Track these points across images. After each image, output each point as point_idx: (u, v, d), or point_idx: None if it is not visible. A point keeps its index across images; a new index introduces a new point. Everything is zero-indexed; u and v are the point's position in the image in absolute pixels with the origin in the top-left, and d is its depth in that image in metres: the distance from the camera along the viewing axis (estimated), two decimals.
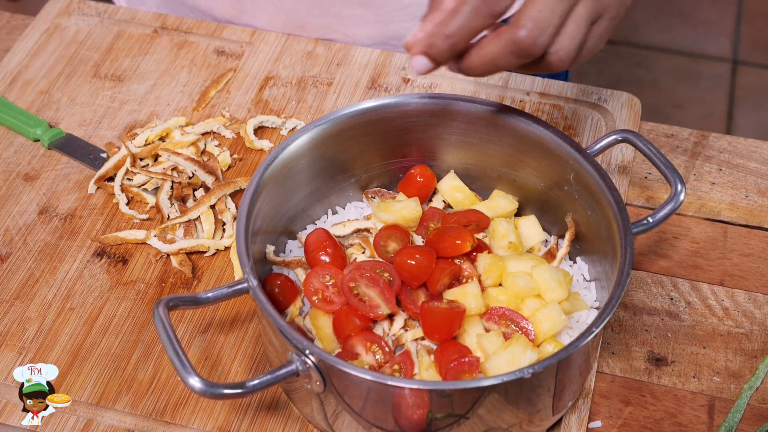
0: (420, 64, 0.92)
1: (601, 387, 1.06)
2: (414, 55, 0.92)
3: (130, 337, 1.08)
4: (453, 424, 0.91)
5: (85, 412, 1.02)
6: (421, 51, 0.91)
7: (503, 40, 0.90)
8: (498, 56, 0.90)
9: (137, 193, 1.20)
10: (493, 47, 0.90)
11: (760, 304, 1.12)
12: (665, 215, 1.01)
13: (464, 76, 0.94)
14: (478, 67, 0.92)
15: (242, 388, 0.87)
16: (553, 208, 1.09)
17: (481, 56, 0.91)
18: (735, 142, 1.28)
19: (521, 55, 0.90)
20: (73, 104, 1.31)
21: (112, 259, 1.15)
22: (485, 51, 0.91)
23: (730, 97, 3.01)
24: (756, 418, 1.03)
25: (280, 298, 1.02)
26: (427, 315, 0.97)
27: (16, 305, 1.11)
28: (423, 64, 0.92)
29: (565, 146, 1.03)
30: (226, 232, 1.17)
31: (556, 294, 0.99)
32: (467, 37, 0.90)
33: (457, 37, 0.90)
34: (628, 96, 1.30)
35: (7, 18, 1.44)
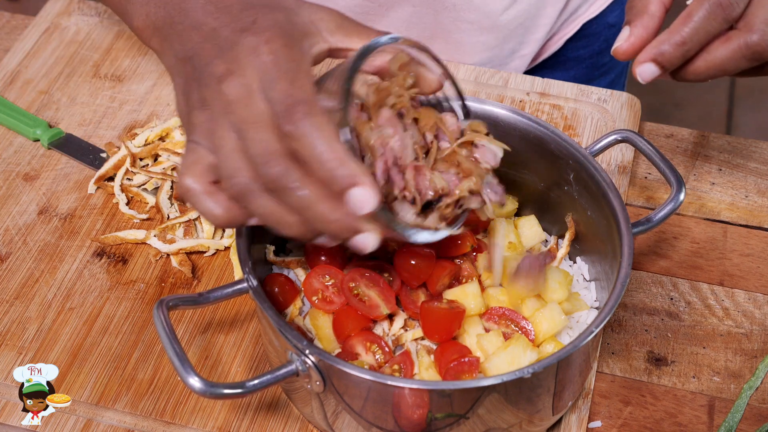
0: (649, 71, 0.91)
1: (601, 387, 1.06)
2: (642, 62, 0.91)
3: (130, 337, 1.08)
4: (453, 424, 0.91)
5: (85, 412, 1.02)
6: (650, 58, 0.91)
7: (734, 45, 0.89)
8: (727, 61, 0.90)
9: (137, 193, 1.20)
10: (723, 52, 0.90)
11: (760, 304, 1.12)
12: (665, 215, 1.01)
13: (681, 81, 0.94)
14: (704, 72, 0.92)
15: (242, 388, 0.87)
16: (553, 208, 1.09)
17: (709, 61, 0.91)
18: (735, 142, 1.28)
19: (754, 59, 0.89)
20: (73, 104, 1.31)
21: (112, 259, 1.15)
22: (713, 56, 0.90)
23: (730, 97, 3.01)
24: (756, 418, 1.03)
25: (280, 298, 1.02)
26: (426, 315, 0.97)
27: (16, 305, 1.11)
28: (652, 72, 0.92)
29: (565, 146, 1.03)
30: (226, 232, 1.17)
31: (557, 294, 0.99)
32: (700, 44, 0.90)
33: (691, 44, 0.89)
34: (628, 96, 1.30)
35: (7, 18, 1.44)
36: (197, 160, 0.84)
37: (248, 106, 0.81)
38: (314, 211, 0.80)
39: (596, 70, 1.49)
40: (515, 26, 1.35)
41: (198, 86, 0.84)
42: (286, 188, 0.80)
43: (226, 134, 0.82)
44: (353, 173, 0.79)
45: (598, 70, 1.49)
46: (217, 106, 0.82)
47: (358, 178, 0.79)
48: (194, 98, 0.85)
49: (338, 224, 0.81)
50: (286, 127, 0.79)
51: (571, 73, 1.48)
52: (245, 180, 0.81)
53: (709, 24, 0.89)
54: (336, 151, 0.79)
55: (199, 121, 0.84)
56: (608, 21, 1.45)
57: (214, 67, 0.83)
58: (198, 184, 0.83)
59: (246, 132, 0.81)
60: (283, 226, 0.83)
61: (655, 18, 0.92)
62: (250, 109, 0.81)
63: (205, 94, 0.83)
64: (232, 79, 0.82)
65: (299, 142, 0.79)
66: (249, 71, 0.82)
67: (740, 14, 0.89)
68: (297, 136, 0.79)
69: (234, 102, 0.81)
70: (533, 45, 1.39)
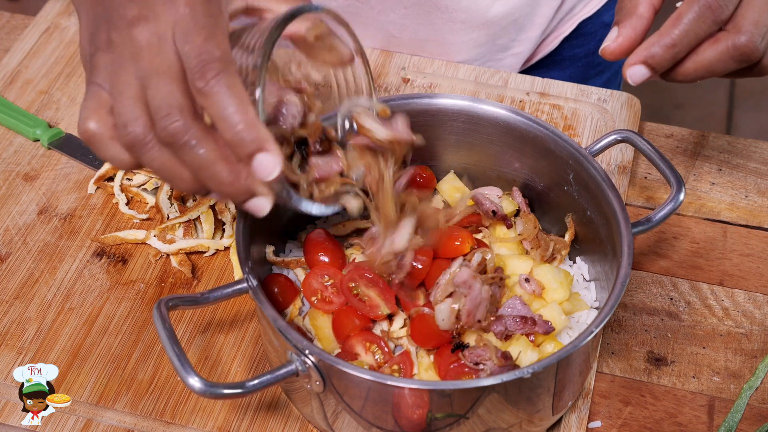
0: (639, 73, 0.92)
1: (600, 387, 1.06)
2: (632, 65, 0.91)
3: (129, 337, 1.08)
4: (453, 424, 0.90)
5: (84, 412, 1.02)
6: (640, 60, 0.91)
7: (722, 46, 0.89)
8: (716, 62, 0.90)
9: (137, 193, 1.20)
10: (712, 53, 0.90)
11: (759, 304, 1.12)
12: (665, 215, 1.01)
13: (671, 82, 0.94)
14: (692, 73, 0.92)
15: (242, 388, 0.87)
16: (553, 208, 1.09)
17: (697, 63, 0.91)
18: (735, 142, 1.28)
19: (741, 60, 0.90)
20: (73, 104, 1.31)
21: (112, 259, 1.15)
22: (702, 57, 0.91)
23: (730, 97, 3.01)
24: (756, 418, 1.03)
25: (279, 298, 1.02)
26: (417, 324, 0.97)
27: (16, 305, 1.11)
28: (642, 74, 0.92)
29: (565, 146, 1.03)
30: (226, 232, 1.17)
31: (557, 294, 0.99)
32: (690, 46, 0.90)
33: (681, 46, 0.90)
34: (628, 96, 1.30)
35: (7, 18, 1.44)
36: (100, 104, 0.82)
37: (157, 54, 0.79)
38: (210, 171, 0.80)
39: (592, 69, 1.49)
40: (506, 23, 1.35)
41: (106, 27, 0.82)
42: (184, 144, 0.79)
43: (129, 80, 0.80)
44: (262, 138, 0.79)
45: (593, 69, 1.49)
46: (124, 50, 0.80)
47: (266, 144, 0.79)
48: (100, 39, 0.82)
49: (233, 187, 0.81)
50: (198, 83, 0.78)
51: (567, 72, 1.48)
52: (140, 130, 0.80)
53: (699, 26, 0.89)
54: (247, 114, 0.78)
55: (103, 62, 0.82)
56: (604, 20, 1.45)
57: (127, 10, 0.81)
58: (103, 128, 0.82)
59: (150, 81, 0.79)
60: (175, 181, 0.82)
61: (643, 19, 0.93)
62: (158, 59, 0.79)
63: (113, 36, 0.81)
64: (144, 25, 0.80)
65: (209, 99, 0.78)
66: (163, 20, 0.80)
67: (729, 16, 0.89)
68: (208, 93, 0.78)
69: (143, 48, 0.80)
70: (527, 44, 1.39)
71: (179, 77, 0.79)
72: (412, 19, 1.33)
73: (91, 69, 0.83)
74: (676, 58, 0.91)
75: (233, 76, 0.79)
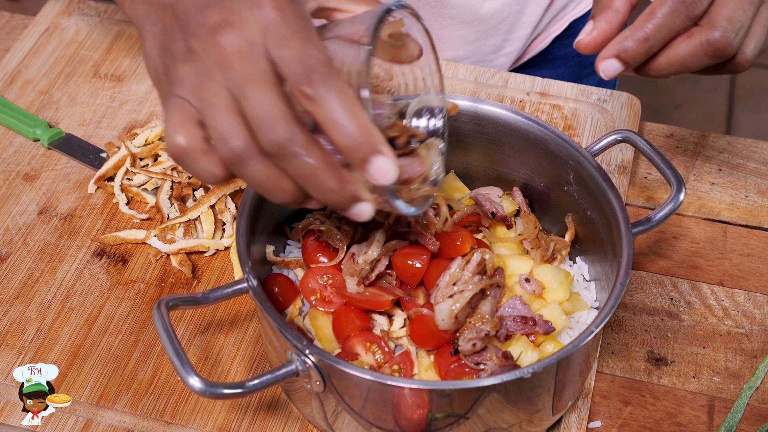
0: (612, 68, 0.91)
1: (600, 387, 1.06)
2: (605, 58, 0.91)
3: (129, 337, 1.08)
4: (453, 424, 0.90)
5: (84, 411, 1.02)
6: (613, 54, 0.90)
7: (696, 41, 0.89)
8: (689, 57, 0.90)
9: (137, 193, 1.20)
10: (685, 48, 0.90)
11: (759, 304, 1.12)
12: (665, 215, 1.01)
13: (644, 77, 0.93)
14: (666, 68, 0.91)
15: (242, 388, 0.87)
16: (553, 208, 1.09)
17: (671, 57, 0.91)
18: (735, 142, 1.28)
19: (715, 56, 0.89)
20: (73, 104, 1.31)
21: (112, 259, 1.15)
22: (675, 52, 0.90)
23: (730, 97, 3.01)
24: (756, 418, 1.03)
25: (279, 298, 1.02)
26: (416, 324, 0.97)
27: (16, 305, 1.11)
28: (615, 68, 0.91)
29: (565, 146, 1.03)
30: (226, 232, 1.17)
31: (558, 294, 0.99)
32: (663, 40, 0.90)
33: (654, 41, 0.89)
34: (628, 96, 1.30)
35: (7, 18, 1.44)
36: (187, 118, 0.76)
37: (250, 62, 0.75)
38: (317, 179, 0.77)
39: (584, 68, 1.49)
40: (497, 21, 1.35)
41: (183, 36, 0.77)
42: (291, 154, 0.75)
43: (219, 90, 0.75)
44: (377, 141, 0.76)
45: (586, 69, 1.49)
46: (209, 59, 0.76)
47: (382, 147, 0.76)
48: (177, 49, 0.77)
49: (340, 194, 0.78)
50: (305, 89, 0.74)
51: (558, 71, 1.48)
52: (241, 143, 0.76)
53: (672, 21, 0.89)
54: (360, 118, 0.75)
55: (185, 74, 0.77)
56: None
57: (207, 17, 0.76)
58: (194, 143, 0.76)
59: (246, 90, 0.75)
60: (277, 193, 0.79)
61: (619, 13, 0.92)
62: (252, 66, 0.75)
63: (194, 45, 0.77)
64: (231, 32, 0.75)
65: (318, 105, 0.75)
66: (251, 25, 0.75)
67: (703, 11, 0.89)
68: (317, 98, 0.74)
69: (231, 56, 0.75)
70: (518, 43, 1.39)
71: (276, 84, 0.75)
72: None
73: (170, 82, 0.78)
74: (650, 53, 0.91)
75: (340, 81, 0.75)
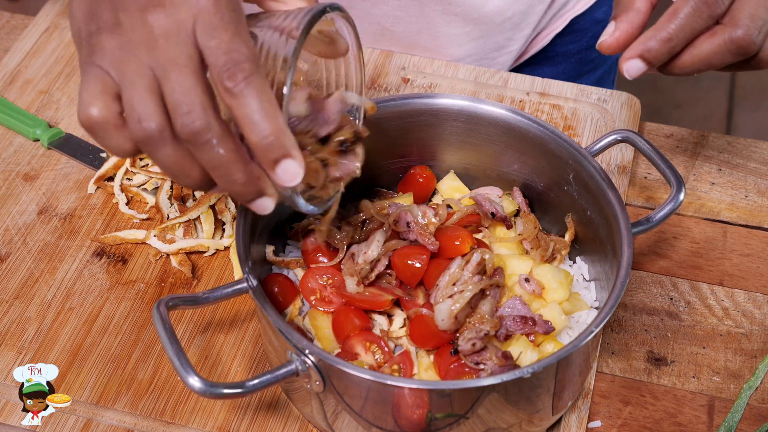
0: (636, 67, 0.92)
1: (600, 387, 1.06)
2: (628, 59, 0.92)
3: (129, 337, 1.08)
4: (453, 424, 0.90)
5: (84, 411, 1.02)
6: (636, 54, 0.91)
7: (719, 39, 0.90)
8: (713, 55, 0.91)
9: (137, 193, 1.20)
10: (708, 46, 0.91)
11: (759, 304, 1.12)
12: (665, 215, 1.01)
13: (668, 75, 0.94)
14: (689, 66, 0.92)
15: (242, 388, 0.87)
16: (553, 208, 1.09)
17: (694, 56, 0.92)
18: (734, 142, 1.28)
19: (738, 53, 0.90)
20: (73, 104, 1.31)
21: (112, 258, 1.15)
22: (699, 51, 0.91)
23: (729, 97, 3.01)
24: (756, 417, 1.03)
25: (279, 298, 1.02)
26: (416, 324, 0.97)
27: (16, 305, 1.11)
28: (638, 68, 0.92)
29: (565, 146, 1.03)
30: (226, 232, 1.17)
31: (558, 294, 0.99)
32: (686, 40, 0.91)
33: (677, 40, 0.90)
34: (628, 96, 1.30)
35: (7, 18, 1.44)
36: (104, 89, 0.76)
37: (176, 45, 0.75)
38: (225, 170, 0.78)
39: (585, 65, 1.49)
40: (502, 20, 1.35)
41: (111, 6, 0.77)
42: (204, 143, 0.76)
43: (142, 69, 0.75)
44: (288, 145, 0.78)
45: (586, 66, 1.50)
46: (136, 35, 0.75)
47: (292, 151, 0.78)
48: (105, 18, 0.77)
49: (245, 187, 0.79)
50: (227, 83, 0.75)
51: (559, 69, 1.48)
52: (155, 125, 0.76)
53: (695, 20, 0.90)
54: (276, 120, 0.77)
55: (109, 45, 0.76)
56: (596, 17, 1.45)
57: None
58: (108, 115, 0.76)
59: (168, 73, 0.75)
60: (182, 177, 0.80)
61: (640, 14, 0.93)
62: (177, 50, 0.75)
63: (122, 18, 0.76)
64: (161, 12, 0.75)
65: (238, 101, 0.76)
66: (183, 8, 0.75)
67: (725, 10, 0.90)
68: (238, 94, 0.75)
69: (159, 36, 0.75)
70: (521, 41, 1.40)
71: (199, 71, 0.76)
72: (405, 11, 1.33)
73: (91, 49, 0.78)
74: (673, 52, 0.91)
75: (263, 79, 0.77)
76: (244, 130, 0.77)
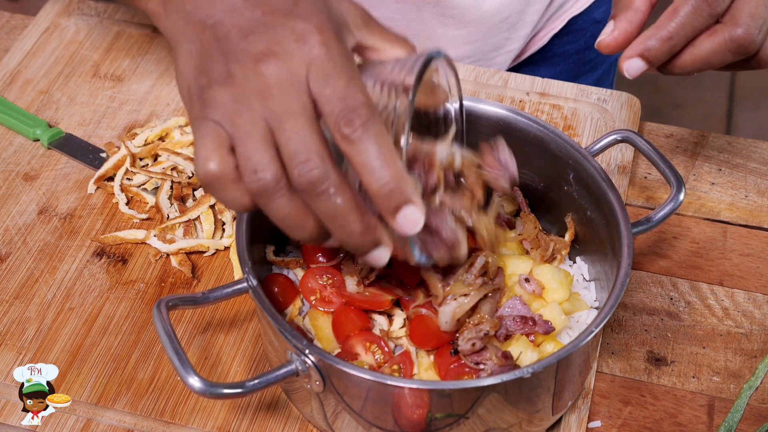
0: (636, 66, 0.92)
1: (600, 387, 1.06)
2: (629, 58, 0.92)
3: (129, 337, 1.08)
4: (453, 424, 0.90)
5: (84, 411, 1.02)
6: (637, 53, 0.91)
7: (719, 38, 0.90)
8: (713, 55, 0.91)
9: (137, 193, 1.20)
10: (708, 45, 0.91)
11: (759, 304, 1.12)
12: (665, 215, 1.01)
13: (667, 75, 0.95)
14: (689, 66, 0.92)
15: (242, 388, 0.87)
16: (553, 208, 1.09)
17: (694, 55, 0.92)
18: (734, 142, 1.28)
19: (738, 52, 0.90)
20: (73, 104, 1.31)
21: (112, 258, 1.15)
22: (698, 50, 0.91)
23: (729, 97, 3.01)
24: (756, 418, 1.03)
25: (279, 298, 1.02)
26: (416, 324, 0.97)
27: (16, 305, 1.11)
28: (639, 67, 0.92)
29: (565, 146, 1.03)
30: (226, 232, 1.17)
31: (558, 294, 0.99)
32: (686, 39, 0.91)
33: (677, 39, 0.90)
34: (628, 96, 1.30)
35: (7, 18, 1.44)
36: (220, 143, 0.75)
37: (291, 94, 0.74)
38: (343, 221, 0.76)
39: (583, 65, 1.49)
40: (499, 21, 1.35)
41: (224, 59, 0.76)
42: (321, 193, 0.75)
43: (256, 120, 0.74)
44: (409, 191, 0.75)
45: (585, 66, 1.50)
46: (249, 86, 0.75)
47: (413, 197, 0.76)
48: (216, 71, 0.76)
49: (363, 237, 0.77)
50: (344, 130, 0.74)
51: (558, 69, 1.48)
52: (271, 176, 0.75)
53: (695, 19, 0.90)
54: (396, 166, 0.75)
55: (222, 98, 0.75)
56: (594, 17, 1.45)
57: (251, 43, 0.75)
58: (226, 170, 0.75)
59: (283, 123, 0.74)
60: (298, 231, 0.78)
61: (639, 13, 0.93)
62: (292, 99, 0.74)
63: (234, 70, 0.75)
64: (274, 62, 0.74)
65: (356, 148, 0.74)
66: (296, 58, 0.75)
67: (725, 9, 0.90)
68: (356, 141, 0.74)
69: (273, 86, 0.74)
70: (519, 41, 1.40)
71: (314, 120, 0.74)
72: (402, 15, 1.33)
73: (204, 104, 0.76)
74: (673, 51, 0.91)
75: (381, 125, 0.75)
76: (363, 178, 0.75)
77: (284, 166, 0.75)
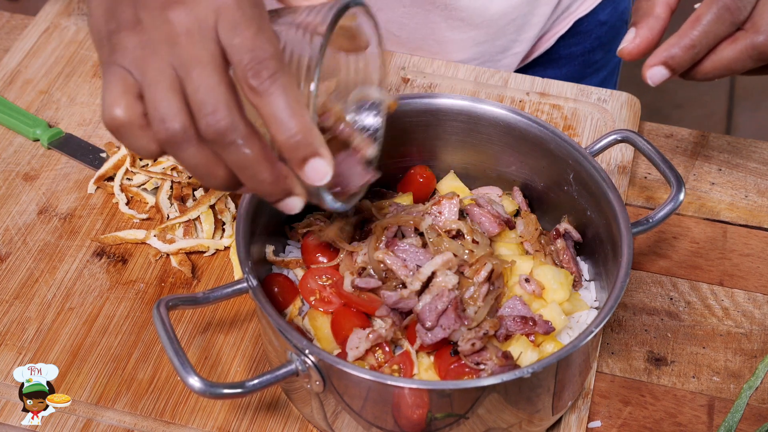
0: (659, 74, 0.93)
1: (600, 387, 1.06)
2: (652, 66, 0.93)
3: (129, 337, 1.08)
4: (453, 424, 0.90)
5: (84, 411, 1.02)
6: (660, 62, 0.92)
7: (741, 46, 0.91)
8: (734, 62, 0.92)
9: (137, 193, 1.20)
10: (730, 53, 0.91)
11: (759, 304, 1.12)
12: (665, 215, 1.01)
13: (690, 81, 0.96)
14: (710, 72, 0.93)
15: (242, 388, 0.87)
16: (553, 208, 1.09)
17: (716, 62, 0.92)
18: (735, 142, 1.28)
19: (760, 59, 0.91)
20: (73, 104, 1.31)
21: (112, 258, 1.15)
22: (720, 57, 0.92)
23: (729, 97, 3.01)
24: (756, 417, 1.03)
25: (279, 298, 1.02)
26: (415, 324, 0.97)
27: (16, 305, 1.11)
28: (662, 75, 0.93)
29: (565, 146, 1.03)
30: (226, 232, 1.17)
31: (558, 294, 0.99)
32: (709, 46, 0.91)
33: (700, 47, 0.91)
34: (628, 96, 1.30)
35: (7, 18, 1.44)
36: (127, 89, 0.74)
37: (199, 43, 0.74)
38: (253, 170, 0.76)
39: (588, 67, 1.50)
40: (506, 23, 1.35)
41: (132, 4, 0.75)
42: (230, 143, 0.75)
43: (164, 67, 0.74)
44: (316, 143, 0.76)
45: (590, 68, 1.50)
46: (157, 33, 0.74)
47: (321, 149, 0.77)
48: (125, 16, 0.75)
49: (273, 186, 0.78)
50: (252, 81, 0.74)
51: (563, 71, 1.48)
52: (179, 126, 0.74)
53: (718, 27, 0.90)
54: (303, 117, 0.75)
55: (130, 44, 0.74)
56: (600, 19, 1.45)
57: None
58: (132, 116, 0.75)
59: (191, 71, 0.74)
60: (209, 178, 0.78)
61: (660, 20, 0.94)
62: (199, 47, 0.74)
63: (142, 16, 0.74)
64: (182, 8, 0.74)
65: (264, 99, 0.74)
66: (204, 5, 0.74)
67: (747, 17, 0.90)
68: (263, 93, 0.74)
69: (180, 34, 0.73)
70: (526, 43, 1.40)
71: (222, 69, 0.74)
72: (410, 18, 1.34)
73: (112, 48, 0.76)
74: (695, 59, 0.92)
75: (289, 77, 0.75)
76: (271, 129, 0.76)
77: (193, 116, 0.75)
